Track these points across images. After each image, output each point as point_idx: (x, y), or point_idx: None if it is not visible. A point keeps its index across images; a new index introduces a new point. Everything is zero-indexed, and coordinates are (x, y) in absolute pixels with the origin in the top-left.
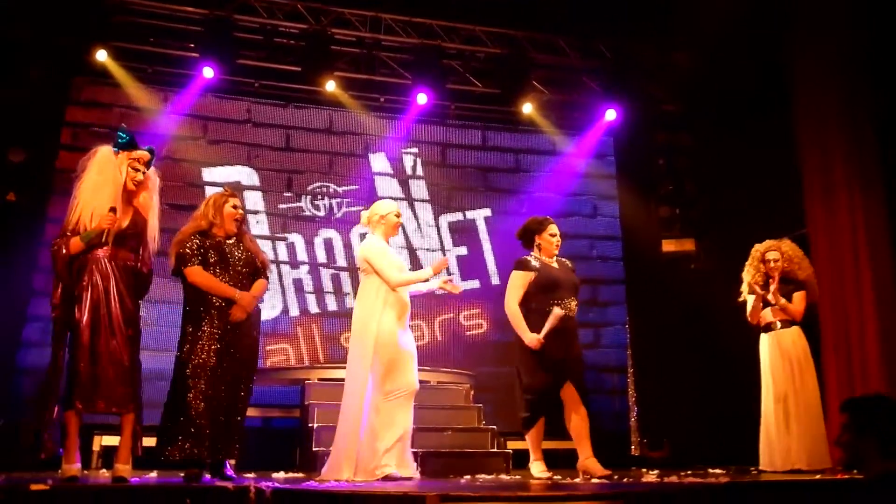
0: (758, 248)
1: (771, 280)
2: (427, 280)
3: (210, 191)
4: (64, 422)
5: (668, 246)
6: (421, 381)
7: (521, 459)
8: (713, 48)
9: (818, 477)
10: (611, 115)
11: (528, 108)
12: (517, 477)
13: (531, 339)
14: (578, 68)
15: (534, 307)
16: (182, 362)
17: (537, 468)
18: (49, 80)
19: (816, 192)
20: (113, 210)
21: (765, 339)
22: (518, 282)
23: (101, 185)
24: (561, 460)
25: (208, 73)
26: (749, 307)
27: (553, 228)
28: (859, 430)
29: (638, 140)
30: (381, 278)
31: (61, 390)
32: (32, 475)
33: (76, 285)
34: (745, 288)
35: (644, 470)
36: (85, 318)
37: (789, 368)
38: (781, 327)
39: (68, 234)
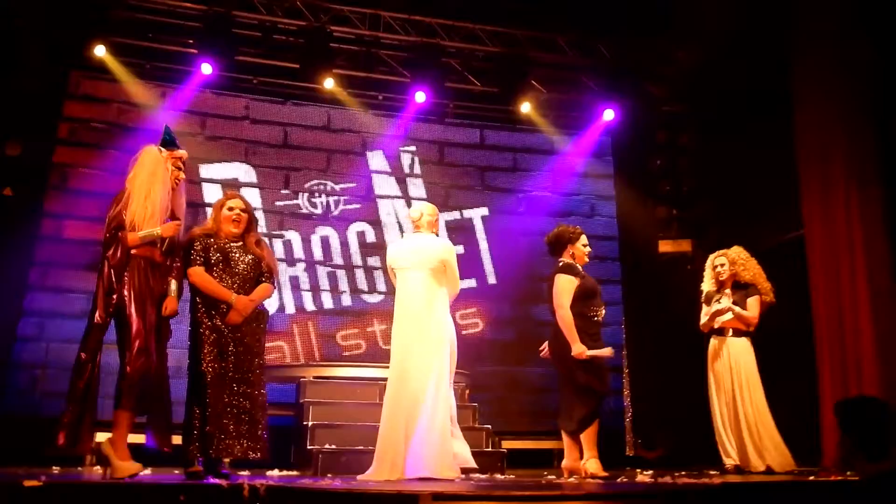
0: (710, 257)
1: (723, 288)
2: None
3: (207, 188)
4: (115, 420)
5: (665, 247)
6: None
7: (515, 459)
8: (712, 48)
9: (811, 478)
10: (609, 114)
11: (526, 107)
12: (511, 476)
13: (580, 349)
14: (577, 67)
15: (576, 312)
16: (192, 363)
17: (593, 465)
18: (47, 75)
19: (813, 191)
20: (176, 219)
21: (714, 343)
22: (568, 286)
23: (153, 183)
24: (558, 460)
25: (206, 69)
26: (703, 315)
27: (585, 239)
28: (843, 431)
29: (636, 140)
30: (449, 280)
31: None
32: (26, 471)
33: (117, 284)
34: (703, 297)
35: (638, 470)
36: (135, 317)
37: (738, 376)
38: (733, 335)
39: (124, 229)
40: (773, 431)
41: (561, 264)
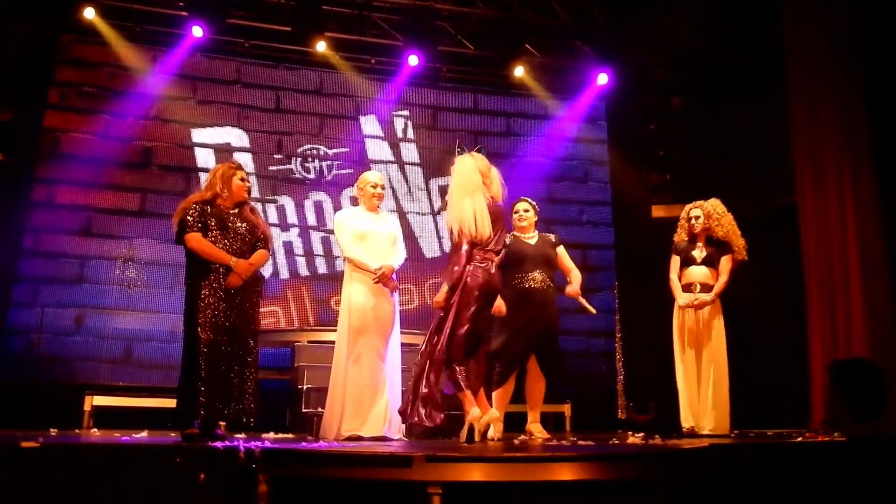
0: (686, 208)
1: (697, 241)
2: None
3: (199, 152)
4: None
5: (658, 212)
6: (410, 345)
7: (507, 422)
8: (707, 13)
9: (799, 439)
10: (603, 79)
11: (519, 72)
12: (504, 439)
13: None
14: (571, 31)
15: (505, 282)
16: (188, 327)
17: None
18: (36, 38)
19: (806, 158)
20: None
21: (681, 300)
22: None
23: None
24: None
25: (197, 32)
26: (671, 268)
27: (515, 207)
28: (837, 391)
29: (630, 105)
30: None
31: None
32: (24, 433)
33: None
34: (673, 247)
35: (630, 433)
36: None
37: (704, 335)
38: (700, 291)
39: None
40: (726, 394)
41: None
